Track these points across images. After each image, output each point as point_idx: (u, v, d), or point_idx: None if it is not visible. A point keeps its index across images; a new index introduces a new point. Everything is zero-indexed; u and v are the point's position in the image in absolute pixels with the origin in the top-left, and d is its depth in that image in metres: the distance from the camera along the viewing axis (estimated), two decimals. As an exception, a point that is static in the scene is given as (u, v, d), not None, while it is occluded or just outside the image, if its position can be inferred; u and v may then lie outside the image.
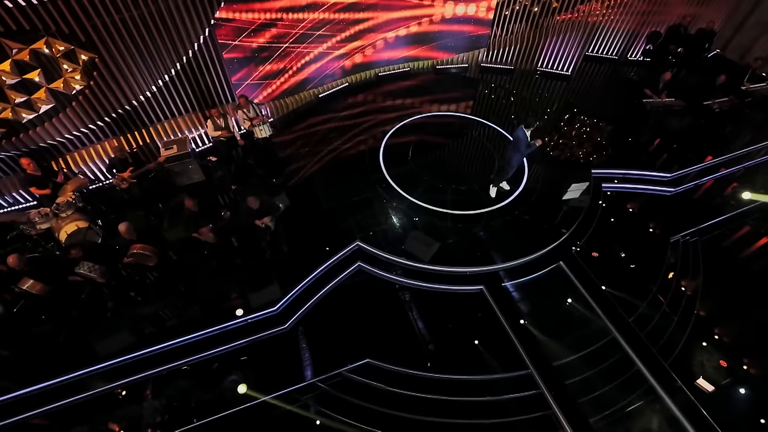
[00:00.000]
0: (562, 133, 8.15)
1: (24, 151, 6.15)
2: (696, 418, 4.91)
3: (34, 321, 4.94)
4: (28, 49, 5.42)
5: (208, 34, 6.61)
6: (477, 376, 5.43)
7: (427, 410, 5.15)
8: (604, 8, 9.55)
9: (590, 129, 8.36)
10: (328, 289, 6.08)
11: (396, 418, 5.12)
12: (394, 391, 5.32)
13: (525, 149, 6.02)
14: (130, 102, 6.60)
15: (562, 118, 8.59)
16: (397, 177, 7.28)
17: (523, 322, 5.60)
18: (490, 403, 5.28)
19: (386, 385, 5.34)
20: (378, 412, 5.17)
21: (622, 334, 5.65)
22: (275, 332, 5.62)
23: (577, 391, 5.30)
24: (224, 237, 5.72)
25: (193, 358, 5.27)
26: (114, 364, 5.06)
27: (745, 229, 7.50)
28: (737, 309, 6.41)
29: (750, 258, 7.18)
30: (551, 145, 7.83)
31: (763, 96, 8.33)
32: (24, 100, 5.79)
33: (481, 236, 6.39)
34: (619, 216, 7.19)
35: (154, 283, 5.49)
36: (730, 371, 5.67)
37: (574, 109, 8.76)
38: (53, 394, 4.84)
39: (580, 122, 8.46)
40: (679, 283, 6.46)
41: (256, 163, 7.59)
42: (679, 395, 5.14)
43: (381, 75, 9.64)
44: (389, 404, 5.22)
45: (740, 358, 5.86)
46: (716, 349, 5.96)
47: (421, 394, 5.28)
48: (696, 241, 7.21)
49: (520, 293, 6.14)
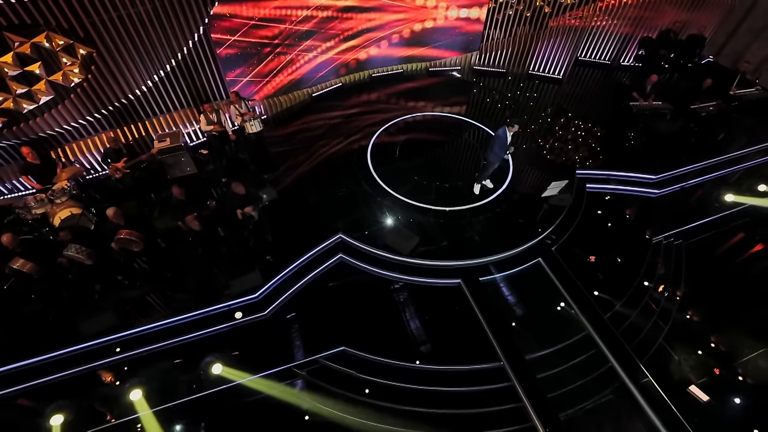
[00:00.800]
0: (555, 136, 8.28)
1: (24, 141, 6.46)
2: (667, 417, 4.93)
3: (24, 299, 5.17)
4: (29, 42, 5.74)
5: (202, 32, 6.90)
6: (451, 366, 5.54)
7: (400, 399, 5.25)
8: (595, 13, 9.70)
9: (580, 132, 8.48)
10: (309, 278, 6.24)
11: (370, 406, 5.25)
12: (368, 379, 5.44)
13: (500, 150, 6.16)
14: (126, 96, 6.89)
15: (554, 121, 8.72)
16: (383, 174, 7.45)
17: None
18: (464, 394, 5.38)
19: (360, 373, 5.47)
20: (353, 399, 5.30)
21: (597, 330, 5.71)
22: (255, 319, 5.80)
23: (549, 385, 5.37)
24: (209, 225, 5.93)
25: (173, 341, 5.45)
26: (98, 343, 5.27)
27: (736, 234, 7.53)
28: (718, 311, 6.46)
29: (736, 262, 7.20)
30: (546, 148, 7.97)
31: (751, 101, 8.37)
32: (25, 91, 6.10)
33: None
34: (601, 216, 7.26)
35: (140, 268, 5.70)
36: (707, 371, 5.70)
37: (568, 114, 8.89)
38: (38, 371, 5.06)
39: (571, 125, 8.59)
40: (657, 284, 6.51)
41: (247, 158, 7.83)
42: (650, 392, 5.17)
43: (374, 76, 9.86)
44: (364, 392, 5.34)
45: (717, 358, 5.90)
46: (694, 350, 6.00)
47: (395, 383, 5.41)
48: (680, 243, 7.26)
49: (499, 288, 6.25)
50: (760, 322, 6.30)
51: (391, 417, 5.07)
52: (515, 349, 5.48)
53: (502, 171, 7.44)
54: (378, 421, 5.03)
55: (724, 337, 6.22)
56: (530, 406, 5.06)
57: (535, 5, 9.50)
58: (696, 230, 7.34)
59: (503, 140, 6.11)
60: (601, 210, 7.33)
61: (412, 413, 5.16)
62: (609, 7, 9.70)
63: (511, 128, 6.01)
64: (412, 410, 5.20)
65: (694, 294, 6.70)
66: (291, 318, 5.85)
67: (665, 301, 6.47)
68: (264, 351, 5.51)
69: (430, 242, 6.50)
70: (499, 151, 6.22)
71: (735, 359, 5.97)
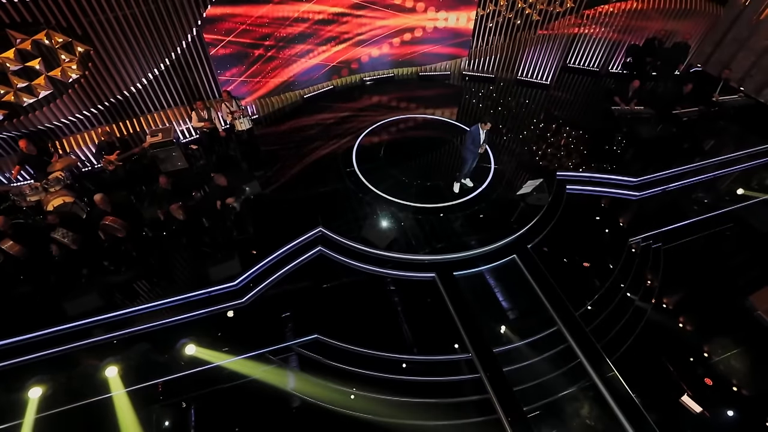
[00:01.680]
0: (539, 138, 8.49)
1: (23, 133, 6.81)
2: (631, 412, 4.97)
3: (9, 280, 5.43)
4: (30, 39, 6.12)
5: (195, 33, 7.26)
6: (421, 356, 5.66)
7: (372, 386, 5.38)
8: (584, 22, 9.94)
9: (564, 135, 8.66)
10: (288, 269, 6.43)
11: (341, 393, 5.39)
12: (340, 367, 5.59)
13: (473, 146, 6.36)
14: (122, 92, 7.25)
15: (539, 124, 8.92)
16: (366, 172, 7.66)
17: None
18: (433, 384, 5.50)
19: (334, 361, 5.61)
20: (326, 385, 5.45)
21: (567, 326, 5.78)
22: (233, 306, 5.99)
23: (516, 378, 5.46)
24: (193, 215, 6.17)
25: (154, 325, 5.66)
26: (81, 325, 5.50)
27: (718, 238, 7.60)
28: (692, 313, 6.53)
29: (714, 265, 7.26)
30: (530, 150, 8.16)
31: (733, 107, 8.49)
32: (25, 86, 6.47)
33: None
34: (580, 217, 7.37)
35: (123, 253, 5.95)
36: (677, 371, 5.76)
37: (554, 117, 9.08)
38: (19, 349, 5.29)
39: (556, 129, 8.78)
40: (632, 285, 6.59)
41: (237, 154, 8.11)
42: (616, 387, 5.22)
43: (365, 80, 10.17)
44: (336, 378, 5.48)
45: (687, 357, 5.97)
46: (664, 349, 6.06)
47: (366, 371, 5.54)
48: (659, 247, 7.34)
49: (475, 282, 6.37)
50: (732, 324, 6.37)
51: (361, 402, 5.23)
52: (484, 342, 5.58)
53: (484, 171, 7.64)
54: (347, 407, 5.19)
55: (698, 337, 6.31)
56: (495, 397, 5.15)
57: (525, 14, 9.78)
58: (677, 233, 7.44)
59: (476, 137, 6.30)
60: (581, 211, 7.44)
61: (380, 401, 5.31)
62: (597, 16, 9.94)
63: (483, 125, 6.21)
64: (380, 398, 5.34)
65: (671, 294, 6.80)
66: (269, 306, 6.03)
67: (639, 300, 6.58)
68: (240, 337, 5.68)
69: (410, 238, 6.66)
70: (472, 147, 6.42)
71: (709, 359, 6.03)
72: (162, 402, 5.15)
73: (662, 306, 6.58)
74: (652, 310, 6.48)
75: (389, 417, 5.12)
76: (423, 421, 5.15)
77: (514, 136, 8.69)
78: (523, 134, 8.72)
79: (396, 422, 5.07)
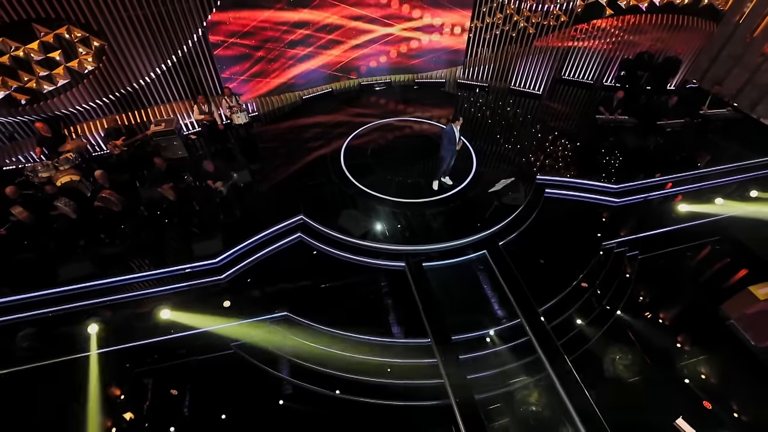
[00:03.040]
0: (524, 143, 8.76)
1: (42, 117, 7.55)
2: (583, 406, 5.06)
3: (17, 243, 6.04)
4: (53, 33, 6.89)
5: (201, 34, 7.93)
6: (383, 339, 5.93)
7: (332, 366, 5.69)
8: (577, 36, 10.22)
9: (551, 141, 8.90)
10: (268, 251, 6.84)
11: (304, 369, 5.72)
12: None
13: (449, 144, 6.69)
14: (131, 84, 7.96)
15: (527, 130, 9.20)
16: (352, 168, 8.06)
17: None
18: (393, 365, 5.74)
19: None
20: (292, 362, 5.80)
21: (529, 322, 5.92)
22: (212, 282, 6.42)
23: (472, 367, 5.65)
24: (183, 196, 6.69)
25: (136, 294, 6.14)
26: (74, 289, 6.03)
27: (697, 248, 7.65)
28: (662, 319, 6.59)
29: (689, 274, 7.30)
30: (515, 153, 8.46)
31: (719, 120, 8.57)
32: (46, 74, 7.23)
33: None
34: (555, 220, 7.54)
35: (118, 226, 6.50)
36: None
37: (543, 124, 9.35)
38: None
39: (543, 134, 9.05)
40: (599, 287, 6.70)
41: (235, 146, 8.67)
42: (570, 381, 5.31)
43: (363, 84, 10.67)
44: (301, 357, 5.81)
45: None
46: (628, 349, 6.14)
47: (331, 350, 5.84)
48: (635, 255, 7.43)
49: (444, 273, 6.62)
50: (704, 331, 6.40)
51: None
52: (445, 330, 5.79)
53: (463, 172, 7.93)
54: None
55: (663, 341, 6.36)
56: (448, 383, 5.32)
57: (520, 27, 10.13)
58: (657, 243, 7.51)
59: (451, 135, 6.64)
60: (559, 214, 7.61)
61: (341, 378, 5.61)
62: (590, 30, 10.21)
63: (456, 123, 6.56)
64: (341, 376, 5.64)
65: (641, 301, 6.88)
66: (246, 283, 6.42)
67: (606, 303, 6.68)
68: (215, 309, 6.07)
69: (385, 229, 6.98)
70: (449, 145, 6.74)
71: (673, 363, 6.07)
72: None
73: (629, 311, 6.66)
74: (620, 314, 6.60)
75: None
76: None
77: (500, 141, 8.97)
78: (511, 140, 8.98)
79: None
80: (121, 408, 5.30)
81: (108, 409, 5.09)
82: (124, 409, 5.28)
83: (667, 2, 9.68)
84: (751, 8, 9.50)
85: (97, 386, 5.10)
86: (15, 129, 7.58)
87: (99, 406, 4.99)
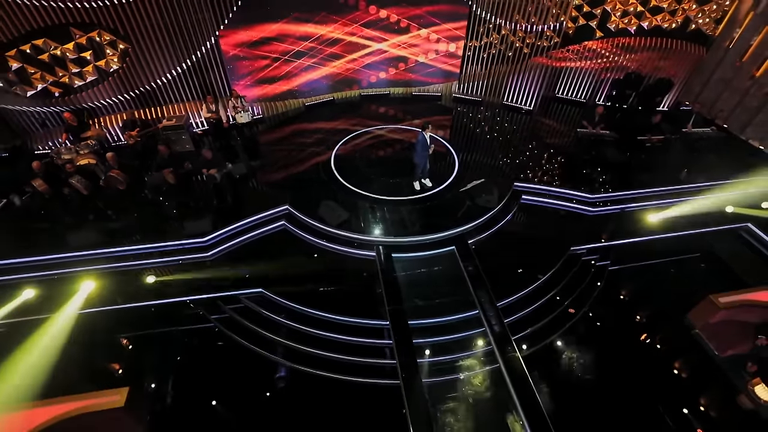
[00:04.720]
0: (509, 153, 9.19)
1: (70, 108, 8.61)
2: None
3: (34, 212, 6.90)
4: (86, 36, 7.98)
5: (214, 42, 8.90)
6: (345, 318, 6.35)
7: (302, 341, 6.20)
8: (570, 56, 10.69)
9: (533, 151, 9.29)
10: (253, 236, 7.45)
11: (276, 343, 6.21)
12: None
13: (422, 150, 7.23)
14: (150, 83, 8.97)
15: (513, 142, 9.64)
16: (341, 168, 8.66)
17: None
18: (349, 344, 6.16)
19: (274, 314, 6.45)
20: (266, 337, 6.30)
21: (485, 316, 6.19)
22: (199, 258, 7.06)
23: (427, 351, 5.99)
24: (182, 180, 7.44)
25: (130, 264, 6.85)
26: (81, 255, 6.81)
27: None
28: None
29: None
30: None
31: (701, 138, 8.76)
32: (77, 71, 8.30)
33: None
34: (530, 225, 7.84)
35: (123, 202, 7.30)
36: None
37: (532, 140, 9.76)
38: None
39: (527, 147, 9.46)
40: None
41: (238, 143, 9.47)
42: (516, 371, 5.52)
43: (363, 95, 11.42)
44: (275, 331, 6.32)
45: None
46: (577, 348, 6.31)
47: (302, 327, 6.33)
48: (605, 265, 7.60)
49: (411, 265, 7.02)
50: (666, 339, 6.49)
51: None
52: (403, 315, 6.14)
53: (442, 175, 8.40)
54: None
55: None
56: (399, 365, 5.62)
57: (515, 46, 10.69)
58: (627, 252, 7.66)
59: (424, 142, 7.17)
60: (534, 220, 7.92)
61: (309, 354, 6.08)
62: (582, 51, 10.66)
63: (426, 131, 7.09)
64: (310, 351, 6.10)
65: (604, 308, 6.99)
66: (229, 262, 7.03)
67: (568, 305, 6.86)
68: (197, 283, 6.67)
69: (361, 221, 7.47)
70: (422, 150, 7.27)
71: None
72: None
73: (589, 316, 6.81)
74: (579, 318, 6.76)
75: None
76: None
77: (487, 151, 9.41)
78: (497, 150, 9.41)
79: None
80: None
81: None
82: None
83: (656, 26, 10.07)
84: (740, 34, 9.75)
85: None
86: (47, 117, 8.67)
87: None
